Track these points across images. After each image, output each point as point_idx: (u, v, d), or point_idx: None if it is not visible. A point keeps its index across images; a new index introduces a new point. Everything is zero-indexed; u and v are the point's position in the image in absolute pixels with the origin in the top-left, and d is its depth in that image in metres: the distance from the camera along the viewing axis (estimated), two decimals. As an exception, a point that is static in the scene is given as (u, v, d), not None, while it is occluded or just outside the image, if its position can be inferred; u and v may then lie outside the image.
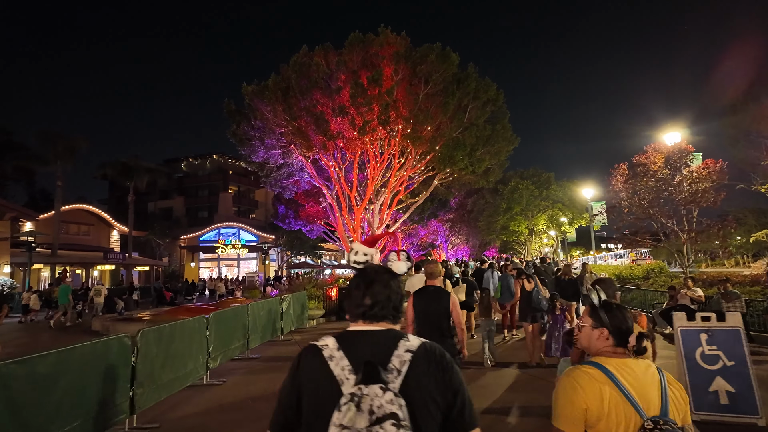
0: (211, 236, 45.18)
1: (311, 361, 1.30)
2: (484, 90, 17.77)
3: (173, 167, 54.42)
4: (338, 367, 1.25)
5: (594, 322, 1.76)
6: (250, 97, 17.67)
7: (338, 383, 1.21)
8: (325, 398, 1.19)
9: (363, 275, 1.46)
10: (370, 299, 1.37)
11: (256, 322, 8.60)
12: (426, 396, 1.21)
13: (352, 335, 1.36)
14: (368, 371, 1.17)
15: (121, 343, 4.44)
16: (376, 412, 1.10)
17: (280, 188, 21.65)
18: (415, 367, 1.23)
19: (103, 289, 18.10)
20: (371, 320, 1.37)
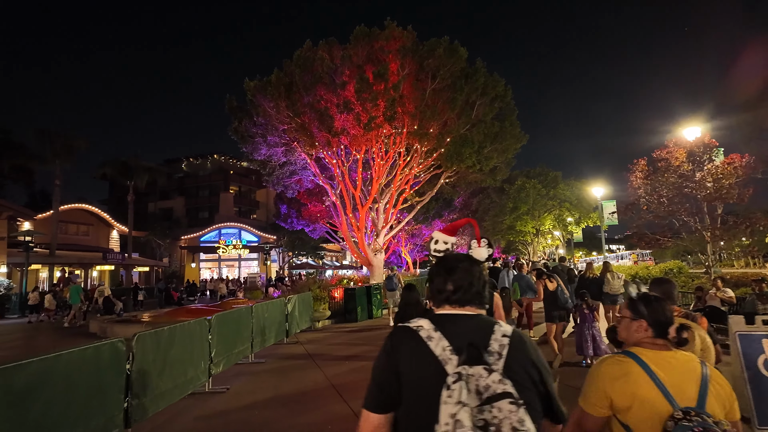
0: (211, 237, 44.73)
1: (408, 341, 1.32)
2: (492, 86, 17.33)
3: (173, 167, 54.04)
4: (438, 347, 1.27)
5: (632, 314, 1.81)
6: (253, 93, 17.24)
7: (441, 363, 1.24)
8: (428, 377, 1.23)
9: (444, 262, 1.48)
10: (452, 285, 1.40)
11: (261, 325, 8.14)
12: (527, 380, 1.25)
13: (446, 318, 1.38)
14: (472, 353, 1.21)
15: (114, 348, 3.98)
16: (483, 392, 1.14)
17: (282, 187, 21.17)
18: (514, 351, 1.27)
19: (106, 289, 18.12)
20: (457, 305, 1.39)
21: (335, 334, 10.85)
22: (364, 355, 8.31)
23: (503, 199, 27.40)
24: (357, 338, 10.16)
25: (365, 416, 1.32)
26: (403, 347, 1.33)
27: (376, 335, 10.34)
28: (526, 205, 25.64)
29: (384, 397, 1.31)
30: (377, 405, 1.31)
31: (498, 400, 1.13)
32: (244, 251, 44.78)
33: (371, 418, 1.31)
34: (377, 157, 18.13)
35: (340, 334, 10.82)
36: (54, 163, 25.70)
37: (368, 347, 9.02)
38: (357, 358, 8.04)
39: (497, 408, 1.12)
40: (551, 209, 26.13)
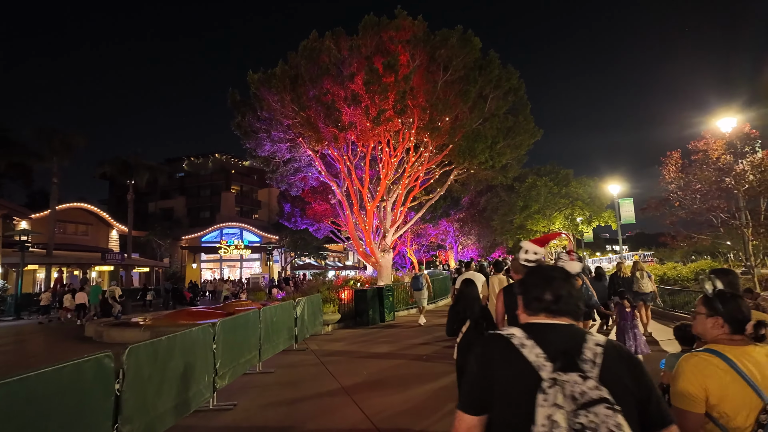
0: (213, 237, 44.05)
1: (502, 348, 1.38)
2: (506, 78, 16.62)
3: (174, 166, 53.40)
4: (532, 354, 1.32)
5: (708, 311, 1.83)
6: (256, 87, 16.54)
7: (535, 369, 1.29)
8: (522, 382, 1.29)
9: (542, 272, 1.55)
10: (551, 295, 1.45)
11: (269, 330, 7.43)
12: (623, 388, 1.26)
13: (538, 327, 1.42)
14: (567, 360, 1.28)
15: (99, 365, 3.26)
16: (578, 398, 1.20)
17: (286, 185, 20.46)
18: (608, 360, 1.30)
19: (117, 290, 17.80)
20: (554, 314, 1.44)
21: (347, 339, 10.14)
22: (383, 363, 7.59)
23: (512, 197, 26.64)
24: (372, 343, 9.45)
25: (460, 417, 1.38)
26: (495, 353, 1.39)
27: (392, 340, 9.62)
28: (537, 203, 24.89)
29: (477, 400, 1.36)
30: (471, 407, 1.37)
31: (594, 405, 1.18)
32: (245, 251, 44.11)
33: (466, 419, 1.37)
34: (385, 153, 17.42)
35: (352, 339, 10.11)
36: (51, 160, 25.00)
37: (386, 354, 8.30)
38: (375, 367, 7.33)
39: (593, 413, 1.17)
40: (563, 208, 25.36)
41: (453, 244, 35.09)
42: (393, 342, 9.55)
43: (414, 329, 11.21)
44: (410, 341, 9.62)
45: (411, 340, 9.70)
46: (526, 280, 1.57)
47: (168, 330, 11.26)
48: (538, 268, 1.60)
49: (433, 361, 7.57)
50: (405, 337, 10.03)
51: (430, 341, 9.54)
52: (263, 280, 29.72)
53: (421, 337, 10.19)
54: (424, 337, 10.10)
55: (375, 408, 5.15)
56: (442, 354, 8.24)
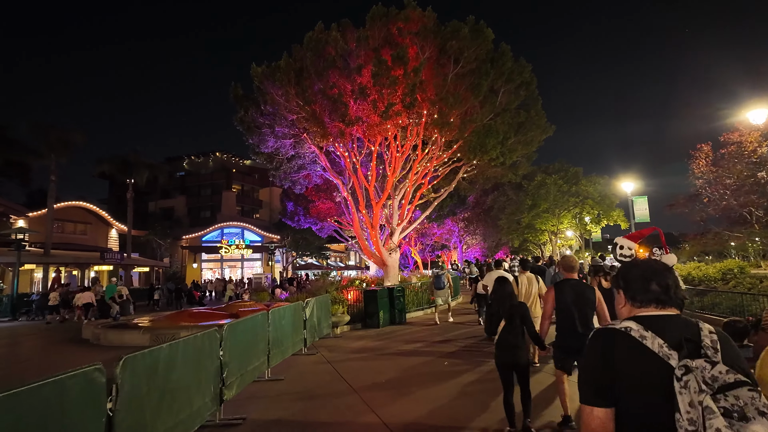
0: (213, 236, 43.50)
1: (621, 341, 1.42)
2: (518, 72, 16.08)
3: (175, 165, 52.87)
4: (655, 344, 1.37)
5: None
6: (260, 80, 15.98)
7: (662, 358, 1.34)
8: (651, 372, 1.34)
9: (646, 266, 1.58)
10: (657, 287, 1.49)
11: (278, 333, 6.88)
12: (741, 371, 1.26)
13: (652, 318, 1.45)
14: (692, 348, 1.33)
15: (88, 381, 2.71)
16: (711, 383, 1.22)
17: (290, 182, 19.90)
18: (725, 346, 1.34)
19: (124, 289, 17.71)
20: (663, 305, 1.48)
21: (359, 341, 9.58)
22: (401, 367, 7.04)
23: (520, 196, 26.08)
24: (386, 347, 8.89)
25: (589, 411, 1.41)
26: (617, 347, 1.41)
27: (407, 342, 9.07)
28: (546, 202, 24.32)
29: (605, 392, 1.39)
30: (601, 399, 1.40)
31: (732, 388, 1.20)
32: (247, 251, 43.56)
33: (596, 412, 1.40)
34: (393, 149, 16.88)
35: (364, 341, 9.56)
36: (49, 157, 24.43)
37: (403, 357, 7.75)
38: (393, 371, 6.78)
39: (733, 396, 1.18)
40: (573, 206, 24.78)
41: (458, 243, 34.53)
42: (408, 344, 9.00)
43: (429, 331, 10.68)
44: (427, 343, 9.09)
45: (427, 342, 9.16)
46: (629, 274, 1.59)
47: (169, 332, 10.71)
48: (640, 262, 1.64)
49: (455, 363, 7.03)
50: (420, 339, 9.48)
51: (448, 342, 9.00)
52: (266, 280, 29.15)
53: (437, 337, 9.66)
54: (440, 338, 9.57)
55: (398, 418, 4.62)
56: (463, 355, 7.70)
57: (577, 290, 4.17)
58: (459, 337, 9.77)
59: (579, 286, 4.23)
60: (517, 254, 42.70)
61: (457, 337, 9.77)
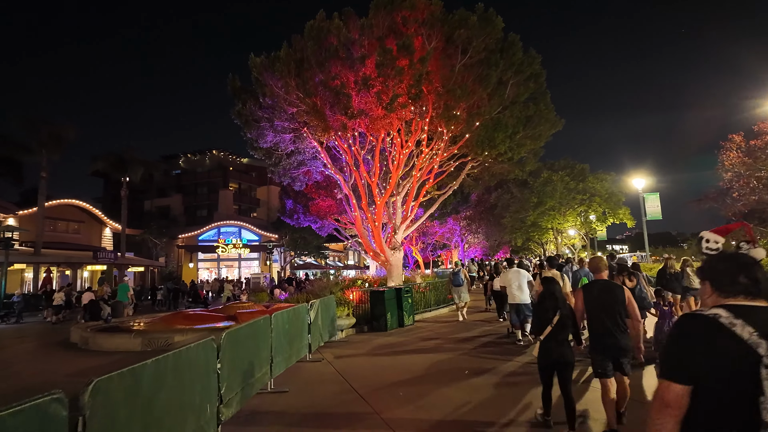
0: (210, 235, 42.75)
1: (709, 326, 1.50)
2: (528, 63, 15.44)
3: (171, 163, 52.11)
4: (744, 332, 1.44)
5: None
6: (259, 71, 15.31)
7: (751, 346, 1.41)
8: (738, 357, 1.42)
9: (735, 258, 1.67)
10: (746, 279, 1.56)
11: (282, 340, 6.23)
12: None
13: (743, 308, 1.51)
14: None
15: (41, 417, 2.04)
16: None
17: (289, 179, 19.20)
18: None
19: None
20: (753, 296, 1.55)
21: (366, 346, 8.92)
22: (417, 376, 6.39)
23: (525, 193, 25.45)
24: (397, 352, 8.24)
25: (668, 386, 1.52)
26: (705, 331, 1.50)
27: (419, 347, 8.42)
28: (553, 199, 23.71)
29: (686, 371, 1.49)
30: (681, 377, 1.50)
31: None
32: (244, 251, 42.81)
33: (675, 388, 1.51)
34: (397, 143, 16.24)
35: (372, 346, 8.90)
36: (40, 153, 23.64)
37: (417, 364, 7.09)
38: (409, 381, 6.13)
39: None
40: (580, 204, 24.17)
41: (459, 242, 33.91)
42: (421, 348, 8.36)
43: (441, 332, 10.06)
44: (441, 346, 8.45)
45: (442, 346, 8.53)
46: (717, 266, 1.68)
47: (162, 336, 10.03)
48: (729, 255, 1.75)
49: (478, 369, 6.39)
50: (434, 342, 8.84)
51: (463, 345, 8.35)
52: (264, 280, 28.44)
53: (451, 339, 9.02)
54: (455, 340, 8.93)
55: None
56: (484, 361, 7.06)
57: (607, 290, 4.18)
58: (475, 337, 9.15)
59: (608, 286, 4.23)
60: (517, 253, 42.19)
61: (473, 337, 9.15)
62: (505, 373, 6.36)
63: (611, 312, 4.04)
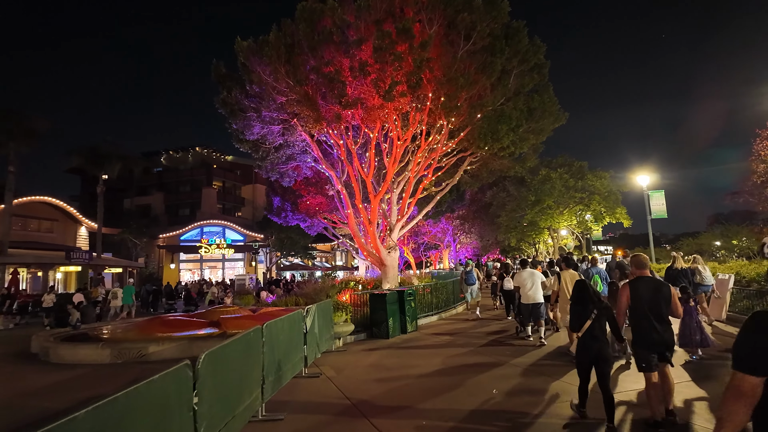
0: (193, 235, 41.20)
1: None
2: (533, 52, 14.59)
3: (152, 161, 50.30)
4: None
5: None
6: (245, 56, 14.15)
7: None
8: None
9: None
10: None
11: (275, 355, 5.18)
12: None
13: None
14: None
15: None
16: None
17: (277, 174, 18.08)
18: None
19: (119, 292, 17.03)
20: None
21: (369, 358, 7.89)
22: (440, 401, 5.38)
23: (522, 191, 24.65)
24: (405, 364, 7.22)
25: (742, 377, 1.62)
26: None
27: (430, 357, 7.42)
28: (551, 198, 22.95)
29: (761, 363, 1.59)
30: (755, 369, 1.60)
31: None
32: (228, 251, 41.37)
33: (750, 379, 1.60)
34: (394, 136, 15.25)
35: (377, 357, 7.86)
36: (8, 146, 22.02)
37: (433, 378, 6.09)
38: (431, 405, 5.12)
39: None
40: (579, 202, 23.46)
41: (451, 242, 33.06)
42: (432, 359, 7.36)
43: (449, 339, 9.11)
44: (454, 356, 7.47)
45: (455, 354, 7.55)
46: None
47: (135, 346, 8.85)
48: None
49: (509, 390, 5.42)
50: (444, 354, 7.85)
51: (480, 352, 7.38)
52: (249, 282, 27.12)
53: (463, 347, 8.07)
54: (468, 347, 7.97)
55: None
56: (507, 371, 6.10)
57: (652, 287, 4.23)
58: (489, 344, 8.21)
59: (653, 283, 4.29)
60: (508, 254, 41.53)
61: (487, 344, 8.20)
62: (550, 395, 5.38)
63: (657, 308, 4.12)
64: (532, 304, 8.55)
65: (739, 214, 65.60)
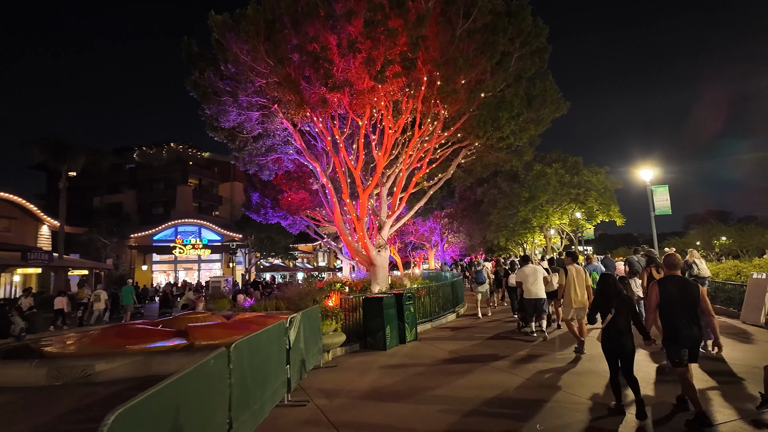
0: (166, 235, 39.12)
1: None
2: (536, 34, 13.50)
3: (124, 157, 47.94)
4: None
5: None
6: (220, 32, 12.67)
7: None
8: None
9: None
10: None
11: (247, 384, 3.81)
12: None
13: None
14: None
15: None
16: None
17: (256, 167, 16.59)
18: None
19: (102, 294, 16.97)
20: None
21: (367, 377, 6.50)
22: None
23: (515, 188, 23.58)
24: (414, 386, 5.90)
25: None
26: None
27: (441, 374, 6.14)
28: (546, 194, 21.94)
29: None
30: None
31: None
32: (204, 252, 39.41)
33: None
34: (386, 123, 13.96)
35: (376, 376, 6.49)
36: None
37: (458, 414, 4.79)
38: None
39: None
40: (575, 198, 22.51)
41: (438, 241, 31.91)
42: (446, 381, 6.06)
43: (456, 348, 7.84)
44: (471, 376, 6.19)
45: (470, 373, 6.28)
46: None
47: (79, 365, 7.31)
48: None
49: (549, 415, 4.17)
50: (458, 369, 6.57)
51: (497, 369, 6.12)
52: (225, 284, 25.35)
53: (479, 360, 6.80)
54: (483, 362, 6.70)
55: None
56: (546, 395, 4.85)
57: (680, 286, 4.37)
58: (506, 354, 6.97)
59: (682, 283, 4.43)
60: (494, 254, 40.66)
61: (503, 354, 6.96)
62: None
63: (687, 306, 4.27)
64: (534, 299, 8.68)
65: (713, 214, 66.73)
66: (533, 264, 9.46)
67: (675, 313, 4.28)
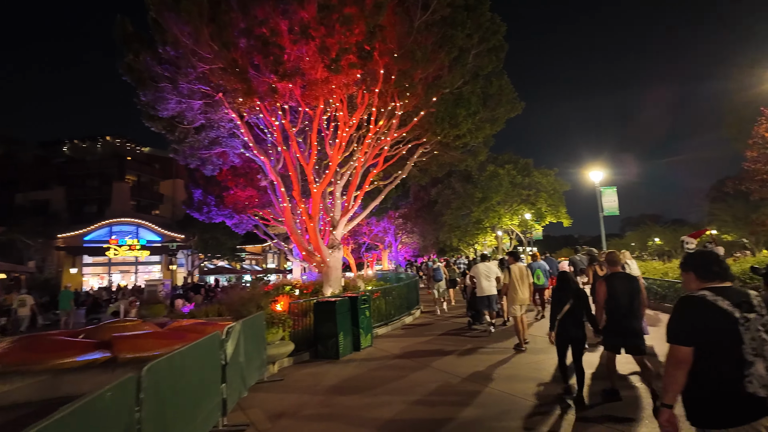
0: (100, 235, 36.18)
1: (701, 302, 2.17)
2: (494, 30, 13.35)
3: (52, 150, 44.01)
4: (724, 304, 2.11)
5: None
6: (158, 10, 11.47)
7: (730, 313, 2.09)
8: (722, 321, 2.10)
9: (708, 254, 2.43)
10: (719, 267, 2.27)
11: (166, 415, 3.00)
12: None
13: (719, 288, 2.20)
14: (748, 306, 2.13)
15: None
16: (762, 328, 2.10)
17: (198, 161, 15.30)
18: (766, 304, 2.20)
19: (28, 299, 15.69)
20: (723, 280, 2.25)
21: (318, 394, 5.77)
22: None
23: (468, 188, 23.60)
24: (372, 402, 5.25)
25: (677, 349, 2.18)
26: (698, 306, 2.17)
27: (402, 386, 5.54)
28: (499, 195, 22.08)
29: (690, 336, 2.15)
30: (687, 341, 2.15)
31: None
32: (142, 253, 36.80)
33: (683, 350, 2.15)
34: (341, 117, 13.28)
35: (327, 390, 5.80)
36: None
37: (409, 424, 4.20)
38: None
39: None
40: (526, 199, 22.84)
41: (392, 242, 31.51)
42: (407, 394, 5.46)
43: (418, 356, 7.28)
44: (432, 387, 5.63)
45: (430, 383, 5.72)
46: (697, 260, 2.39)
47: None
48: (704, 252, 2.50)
49: None
50: (420, 378, 6.00)
51: (463, 380, 5.61)
52: (163, 288, 23.49)
53: (439, 370, 6.25)
54: (444, 370, 6.17)
55: None
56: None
57: (625, 282, 4.82)
58: (468, 350, 6.49)
59: (626, 278, 4.90)
60: (445, 254, 40.90)
61: (464, 350, 6.47)
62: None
63: (630, 300, 4.68)
64: (488, 296, 9.13)
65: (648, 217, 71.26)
66: (489, 262, 9.87)
67: (618, 306, 4.66)
